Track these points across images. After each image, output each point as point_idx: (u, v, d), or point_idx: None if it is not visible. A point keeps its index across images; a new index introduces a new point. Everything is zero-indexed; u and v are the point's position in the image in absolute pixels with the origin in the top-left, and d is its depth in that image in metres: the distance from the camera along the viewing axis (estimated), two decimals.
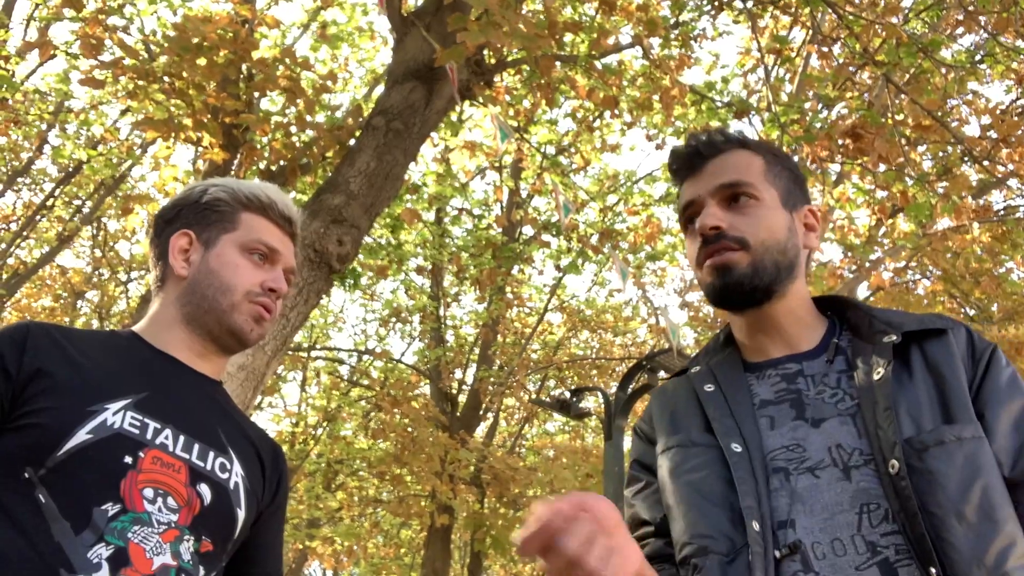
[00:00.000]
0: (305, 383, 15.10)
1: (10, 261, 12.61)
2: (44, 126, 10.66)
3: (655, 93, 7.44)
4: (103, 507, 1.20)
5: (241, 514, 1.36)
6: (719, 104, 7.87)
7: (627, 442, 17.36)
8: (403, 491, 11.45)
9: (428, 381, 12.61)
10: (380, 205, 5.62)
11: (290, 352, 13.66)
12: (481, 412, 12.37)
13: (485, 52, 6.26)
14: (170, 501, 1.26)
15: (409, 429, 10.75)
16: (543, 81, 6.03)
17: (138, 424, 1.28)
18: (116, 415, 1.26)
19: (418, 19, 5.98)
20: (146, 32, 7.20)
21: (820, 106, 7.44)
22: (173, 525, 1.25)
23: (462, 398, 12.30)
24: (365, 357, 14.13)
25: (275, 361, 5.15)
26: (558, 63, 6.77)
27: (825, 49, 7.03)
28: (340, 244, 5.22)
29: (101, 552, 1.18)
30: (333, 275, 5.28)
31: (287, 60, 6.27)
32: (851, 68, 7.09)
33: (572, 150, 10.26)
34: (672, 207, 11.42)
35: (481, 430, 13.81)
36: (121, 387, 1.31)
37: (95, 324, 13.35)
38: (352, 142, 5.84)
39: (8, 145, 11.02)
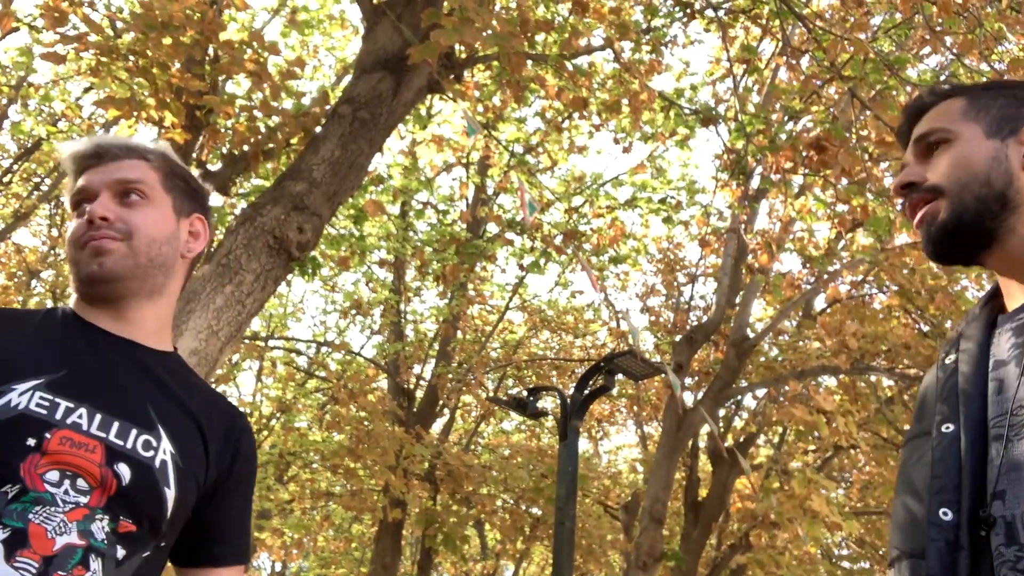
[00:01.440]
0: (261, 373, 14.95)
1: None
2: (4, 100, 10.44)
3: (624, 96, 7.46)
4: (2, 489, 1.17)
5: (170, 492, 1.30)
6: (687, 111, 7.92)
7: (583, 443, 17.41)
8: (356, 485, 11.38)
9: (386, 375, 12.54)
10: (343, 194, 5.57)
11: (247, 340, 13.51)
12: (438, 408, 12.34)
13: (456, 46, 6.24)
14: (79, 483, 1.22)
15: (365, 423, 10.68)
16: (513, 79, 6.02)
17: (47, 404, 1.23)
18: (23, 396, 1.22)
19: (390, 8, 5.94)
20: (112, 8, 7.07)
21: (786, 118, 7.52)
22: (82, 505, 1.21)
23: (419, 393, 12.24)
24: (324, 349, 14.03)
25: (229, 348, 5.07)
26: (529, 61, 6.77)
27: (793, 62, 7.11)
28: (300, 232, 5.16)
29: None
30: (292, 263, 5.22)
31: (255, 44, 6.20)
32: (818, 82, 7.18)
33: (540, 149, 10.27)
34: (637, 211, 11.50)
35: (438, 426, 13.78)
36: (34, 367, 1.26)
37: (49, 304, 13.11)
38: (318, 130, 5.78)
39: None
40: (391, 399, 11.64)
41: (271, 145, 6.27)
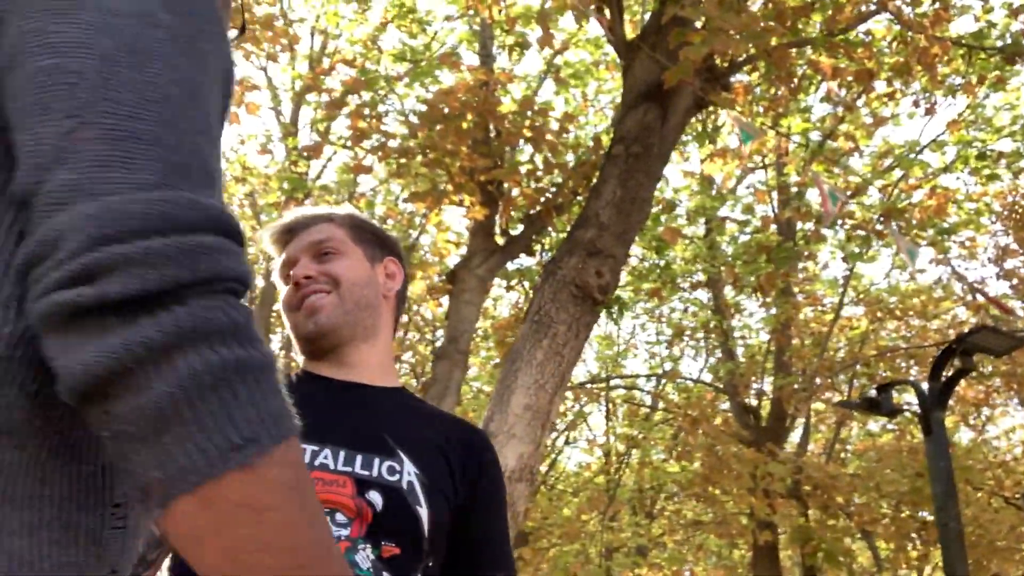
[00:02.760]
0: (609, 414, 15.35)
1: None
2: None
3: (913, 56, 6.87)
4: None
5: (423, 511, 1.38)
6: (992, 51, 7.10)
7: (966, 433, 15.75)
8: (720, 511, 11.23)
9: (726, 397, 12.32)
10: (632, 230, 5.67)
11: (587, 385, 13.99)
12: (788, 422, 11.86)
13: (716, 57, 6.15)
14: (338, 516, 1.32)
15: (716, 448, 10.55)
16: (780, 73, 5.80)
17: None
18: None
19: (642, 41, 6.01)
20: (405, 113, 7.84)
21: None
22: (343, 538, 1.31)
23: (764, 410, 11.87)
24: (661, 381, 14.12)
25: (558, 398, 5.32)
26: (795, 49, 6.48)
27: None
28: (599, 276, 5.32)
29: None
30: (597, 307, 5.39)
31: (528, 112, 6.56)
32: None
33: (838, 133, 9.68)
34: (966, 170, 10.38)
35: (795, 439, 13.23)
36: None
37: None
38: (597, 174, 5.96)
39: None
40: (736, 420, 11.40)
41: (560, 200, 6.56)
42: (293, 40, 8.50)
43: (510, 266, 7.71)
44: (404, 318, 14.95)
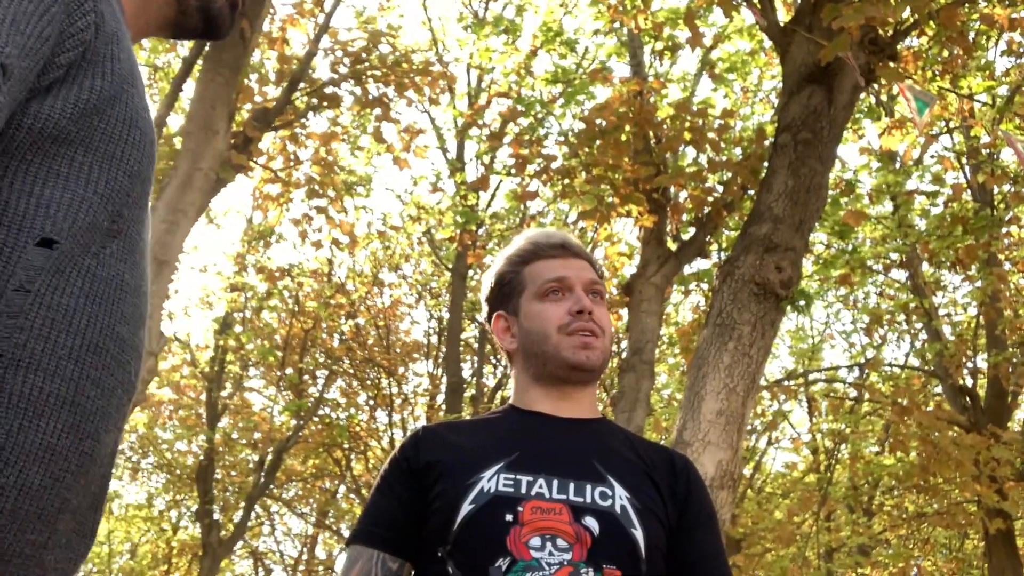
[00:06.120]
0: (812, 410, 14.74)
1: None
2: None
3: None
4: (496, 564, 1.36)
5: (638, 533, 1.42)
6: None
7: None
8: (944, 502, 10.51)
9: (937, 380, 11.55)
10: (810, 220, 5.49)
11: (786, 382, 13.52)
12: (1009, 400, 10.96)
13: (879, 28, 5.86)
14: (559, 542, 1.37)
15: (932, 436, 9.90)
16: (949, 33, 5.46)
17: (511, 483, 1.44)
18: (491, 481, 1.44)
19: (796, 24, 5.84)
20: (564, 133, 7.94)
21: None
22: (566, 563, 1.36)
23: (981, 390, 11.02)
24: (865, 371, 13.44)
25: (750, 400, 5.20)
26: (965, 6, 6.07)
27: None
28: (779, 270, 5.18)
29: None
30: (781, 302, 5.23)
31: (684, 115, 6.49)
32: None
33: None
34: None
35: (1021, 417, 12.22)
36: (493, 455, 1.49)
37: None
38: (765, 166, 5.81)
39: (486, 267, 12.71)
40: (950, 404, 10.66)
41: (729, 198, 6.43)
42: (451, 81, 8.80)
43: (686, 270, 7.61)
44: None
